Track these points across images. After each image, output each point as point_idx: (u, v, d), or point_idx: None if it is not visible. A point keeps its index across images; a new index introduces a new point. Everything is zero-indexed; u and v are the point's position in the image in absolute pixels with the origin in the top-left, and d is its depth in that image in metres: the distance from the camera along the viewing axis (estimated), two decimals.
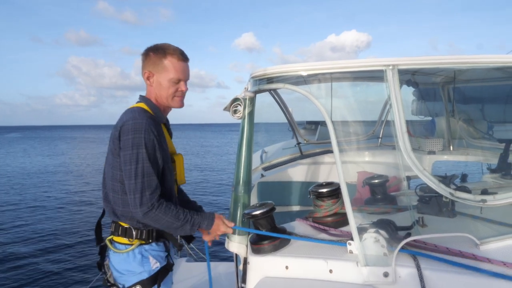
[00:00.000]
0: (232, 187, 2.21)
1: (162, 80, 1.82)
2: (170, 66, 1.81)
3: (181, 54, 1.84)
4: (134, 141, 1.64)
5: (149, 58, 1.83)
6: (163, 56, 1.80)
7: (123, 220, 1.78)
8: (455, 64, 1.85)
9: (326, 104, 1.87)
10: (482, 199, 1.71)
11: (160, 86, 1.83)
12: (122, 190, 1.72)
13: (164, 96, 1.85)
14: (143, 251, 1.80)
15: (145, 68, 1.84)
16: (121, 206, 1.75)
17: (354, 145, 3.87)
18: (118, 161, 1.70)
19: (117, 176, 1.72)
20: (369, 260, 1.61)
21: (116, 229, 1.81)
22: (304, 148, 4.14)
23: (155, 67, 1.82)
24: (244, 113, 2.12)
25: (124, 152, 1.66)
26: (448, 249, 1.62)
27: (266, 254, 1.78)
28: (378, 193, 2.34)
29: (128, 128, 1.66)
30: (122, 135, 1.67)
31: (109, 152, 1.77)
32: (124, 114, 1.75)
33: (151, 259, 1.81)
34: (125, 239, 1.78)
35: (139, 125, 1.66)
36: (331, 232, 1.94)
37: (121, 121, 1.72)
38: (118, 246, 1.81)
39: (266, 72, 1.95)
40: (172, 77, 1.82)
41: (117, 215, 1.78)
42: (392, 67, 1.70)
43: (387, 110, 3.80)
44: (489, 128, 3.60)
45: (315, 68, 1.86)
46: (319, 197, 2.03)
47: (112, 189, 1.76)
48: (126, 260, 1.78)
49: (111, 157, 1.74)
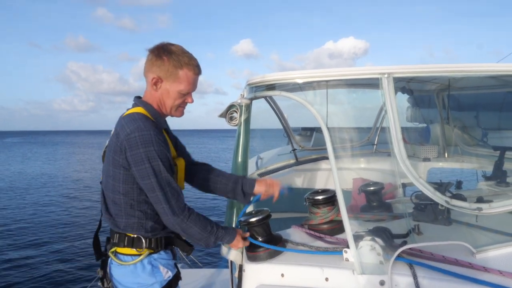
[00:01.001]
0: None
1: (171, 89, 1.71)
2: (184, 78, 1.70)
3: (197, 68, 1.73)
4: (147, 155, 1.55)
5: (162, 62, 1.67)
6: (179, 66, 1.68)
7: (129, 231, 1.68)
8: (449, 73, 1.87)
9: (322, 111, 1.88)
10: (477, 207, 1.71)
11: (167, 95, 1.72)
12: (125, 202, 1.64)
13: (168, 105, 1.74)
14: (152, 260, 1.70)
15: (154, 71, 1.69)
16: (125, 218, 1.67)
17: (349, 152, 3.88)
18: (121, 173, 1.61)
19: (119, 189, 1.63)
20: (365, 268, 1.60)
21: (120, 240, 1.69)
22: (299, 154, 4.13)
23: (167, 74, 1.68)
24: (240, 120, 2.12)
25: (138, 167, 1.57)
26: (444, 257, 1.61)
27: (261, 262, 1.77)
28: (373, 201, 2.34)
29: (135, 141, 1.55)
30: (130, 150, 1.56)
31: (109, 164, 1.65)
32: (125, 123, 1.61)
33: (161, 269, 1.72)
34: (132, 249, 1.68)
35: (147, 137, 1.56)
36: (326, 240, 1.93)
37: (123, 131, 1.59)
38: (124, 258, 1.69)
39: (262, 79, 1.95)
40: (183, 89, 1.71)
41: (121, 227, 1.69)
42: (388, 75, 1.71)
43: (382, 116, 3.82)
44: (484, 135, 3.62)
45: (311, 75, 1.86)
46: (315, 204, 2.03)
47: (113, 201, 1.67)
48: (134, 272, 1.68)
49: (112, 169, 1.63)
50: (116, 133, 1.63)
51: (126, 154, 1.57)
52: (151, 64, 1.69)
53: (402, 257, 1.61)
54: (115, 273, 1.72)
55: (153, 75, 1.69)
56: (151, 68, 1.70)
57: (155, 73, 1.69)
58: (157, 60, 1.68)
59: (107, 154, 1.68)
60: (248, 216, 1.87)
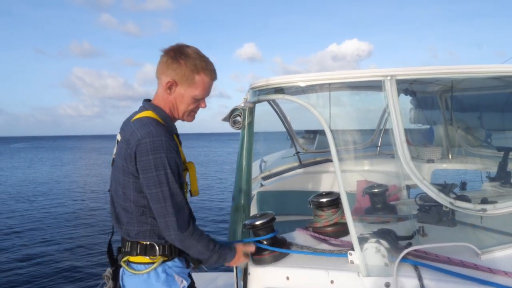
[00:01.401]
0: (232, 197, 2.21)
1: (186, 94, 1.65)
2: (200, 84, 1.64)
3: (214, 73, 1.68)
4: (156, 161, 1.48)
5: (178, 66, 1.60)
6: (196, 71, 1.61)
7: (141, 238, 1.61)
8: (452, 74, 1.87)
9: (325, 114, 1.89)
10: (482, 208, 1.71)
11: (181, 99, 1.66)
12: (136, 210, 1.58)
13: (181, 110, 1.68)
14: (166, 268, 1.62)
15: (169, 75, 1.61)
16: (137, 226, 1.60)
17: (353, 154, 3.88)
18: (131, 181, 1.55)
19: (130, 197, 1.56)
20: (371, 270, 1.60)
21: (133, 248, 1.62)
22: (303, 157, 4.14)
23: (184, 79, 1.62)
24: (243, 123, 2.13)
25: (146, 174, 1.50)
26: (449, 258, 1.61)
27: (266, 265, 1.77)
28: (378, 203, 2.34)
29: (146, 148, 1.48)
30: (140, 156, 1.49)
31: (119, 170, 1.58)
32: (136, 128, 1.54)
33: (176, 278, 1.63)
34: (145, 257, 1.60)
35: (158, 143, 1.49)
36: (331, 242, 1.93)
37: (134, 136, 1.52)
38: (137, 266, 1.61)
39: (265, 83, 1.96)
40: (198, 94, 1.66)
41: (132, 235, 1.62)
42: (390, 77, 1.72)
43: (386, 118, 3.82)
44: (487, 136, 3.61)
45: (314, 79, 1.87)
46: (319, 207, 2.03)
47: (124, 209, 1.60)
48: (147, 281, 1.60)
49: (122, 176, 1.57)
50: (126, 139, 1.55)
51: (136, 161, 1.51)
52: (166, 67, 1.62)
53: (407, 258, 1.61)
54: (128, 284, 1.64)
55: (167, 79, 1.62)
56: (166, 71, 1.62)
57: (170, 76, 1.62)
58: (173, 63, 1.60)
59: (117, 161, 1.61)
60: (252, 219, 1.88)
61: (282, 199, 3.72)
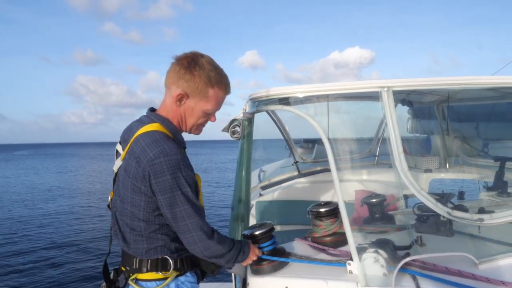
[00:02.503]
0: (231, 207, 2.22)
1: (196, 107, 1.56)
2: (213, 98, 1.56)
3: (228, 87, 1.60)
4: (174, 182, 1.40)
5: (191, 77, 1.50)
6: (210, 85, 1.52)
7: (152, 255, 1.52)
8: (448, 86, 1.90)
9: (323, 123, 1.91)
10: (479, 218, 1.72)
11: (191, 112, 1.57)
12: (145, 228, 1.49)
13: (190, 123, 1.60)
14: (179, 284, 1.55)
15: (181, 86, 1.51)
16: (146, 244, 1.51)
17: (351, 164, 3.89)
18: (142, 200, 1.46)
19: (140, 216, 1.48)
20: (369, 280, 1.61)
21: (142, 265, 1.52)
22: (301, 166, 4.15)
23: (196, 92, 1.52)
24: (242, 133, 2.15)
25: (165, 195, 1.41)
26: (447, 268, 1.62)
27: (265, 275, 1.78)
28: (376, 212, 2.35)
29: (161, 168, 1.39)
30: (156, 177, 1.40)
31: (126, 188, 1.48)
32: (146, 145, 1.44)
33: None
34: (157, 273, 1.51)
35: (174, 163, 1.40)
36: (330, 252, 1.94)
37: (145, 155, 1.42)
38: (147, 284, 1.52)
39: (265, 93, 1.99)
40: (209, 109, 1.58)
41: (142, 253, 1.53)
42: (387, 88, 1.74)
43: (383, 128, 3.85)
44: (484, 145, 3.64)
45: (312, 90, 1.90)
46: (318, 217, 2.04)
47: (132, 228, 1.51)
48: None
49: (130, 195, 1.47)
50: (136, 157, 1.44)
51: (150, 182, 1.41)
52: (178, 77, 1.51)
53: (405, 268, 1.62)
54: None
55: (178, 90, 1.52)
56: (178, 81, 1.51)
57: (182, 88, 1.51)
58: (186, 73, 1.50)
59: (124, 178, 1.50)
60: (251, 229, 1.89)
61: (281, 209, 3.72)
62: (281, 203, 3.76)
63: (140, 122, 1.58)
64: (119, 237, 1.58)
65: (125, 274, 1.57)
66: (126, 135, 1.60)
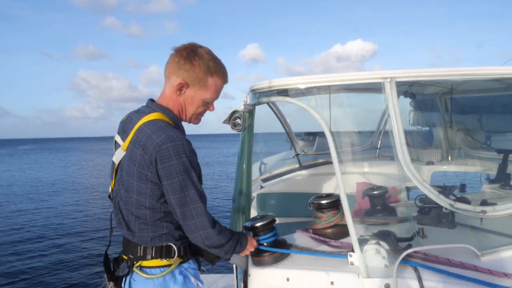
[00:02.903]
0: (232, 199, 2.21)
1: (196, 96, 1.59)
2: (212, 86, 1.59)
3: (226, 76, 1.64)
4: (181, 166, 1.43)
5: (191, 67, 1.54)
6: (209, 74, 1.56)
7: (156, 243, 1.55)
8: (451, 76, 1.88)
9: (325, 116, 1.89)
10: (482, 210, 1.71)
11: (190, 101, 1.60)
12: (151, 216, 1.51)
13: (189, 112, 1.63)
14: (182, 270, 1.58)
15: (181, 76, 1.55)
16: (151, 232, 1.54)
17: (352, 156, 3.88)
18: (149, 187, 1.48)
19: (145, 203, 1.49)
20: (371, 271, 1.61)
21: (146, 252, 1.54)
22: (302, 159, 4.14)
23: (196, 81, 1.56)
24: (243, 125, 2.14)
25: (170, 180, 1.44)
26: (449, 260, 1.62)
27: (267, 266, 1.78)
28: (377, 204, 2.34)
29: (169, 153, 1.42)
30: (162, 162, 1.42)
31: (132, 177, 1.49)
32: (152, 133, 1.46)
33: (192, 280, 1.59)
34: (162, 260, 1.54)
35: (180, 148, 1.44)
36: (331, 244, 1.94)
37: (151, 141, 1.44)
38: (152, 271, 1.55)
39: (266, 85, 1.97)
40: (208, 98, 1.62)
41: (146, 241, 1.55)
42: (390, 79, 1.72)
43: (385, 120, 3.83)
44: (487, 138, 3.61)
45: (314, 81, 1.88)
46: (319, 209, 2.03)
47: (137, 216, 1.52)
48: (163, 285, 1.53)
49: (137, 183, 1.48)
50: (141, 144, 1.46)
51: (157, 167, 1.43)
52: (178, 67, 1.55)
53: (407, 260, 1.62)
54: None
55: (179, 80, 1.56)
56: (178, 71, 1.55)
57: (182, 77, 1.55)
58: (185, 63, 1.54)
59: (129, 167, 1.51)
60: (253, 221, 1.88)
61: (282, 201, 3.72)
62: (282, 196, 3.76)
63: (140, 112, 1.61)
64: (123, 226, 1.59)
65: (128, 262, 1.59)
66: (126, 126, 1.61)
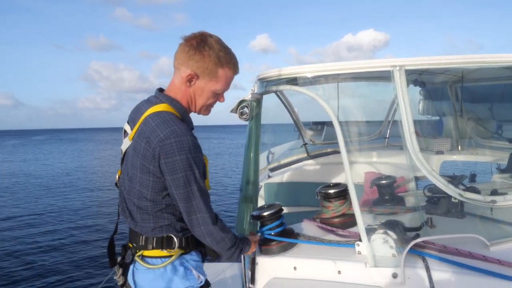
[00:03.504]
0: (240, 188, 2.22)
1: (206, 87, 1.56)
2: (223, 78, 1.56)
3: (237, 67, 1.60)
4: (184, 162, 1.41)
5: (201, 58, 1.50)
6: (219, 65, 1.52)
7: (157, 233, 1.55)
8: (462, 64, 1.84)
9: (333, 105, 1.87)
10: (492, 200, 1.70)
11: (201, 93, 1.57)
12: (152, 208, 1.51)
13: (199, 104, 1.60)
14: (184, 262, 1.57)
15: (191, 66, 1.51)
16: (153, 223, 1.53)
17: (361, 146, 3.85)
18: (150, 180, 1.47)
19: (147, 195, 1.49)
20: (378, 261, 1.61)
21: (148, 242, 1.55)
22: (310, 148, 4.13)
23: (206, 72, 1.52)
24: (251, 114, 2.13)
25: (173, 176, 1.42)
26: (457, 250, 1.61)
27: (274, 255, 1.79)
28: (386, 194, 2.33)
29: (171, 148, 1.40)
30: (166, 157, 1.41)
31: (135, 169, 1.49)
32: (156, 126, 1.45)
33: (194, 272, 1.58)
34: (162, 251, 1.53)
35: (184, 144, 1.41)
36: (339, 233, 1.94)
37: (155, 135, 1.42)
38: (152, 261, 1.55)
39: (273, 73, 1.95)
40: (219, 89, 1.58)
41: (147, 231, 1.55)
42: (399, 67, 1.70)
43: (394, 109, 3.79)
44: (498, 127, 3.56)
45: (322, 69, 1.86)
46: (327, 198, 2.03)
47: (138, 207, 1.53)
48: (163, 276, 1.53)
49: (139, 175, 1.48)
50: (146, 137, 1.45)
51: (160, 162, 1.42)
52: (188, 58, 1.51)
53: (415, 250, 1.61)
54: (142, 280, 1.56)
55: (188, 71, 1.52)
56: (187, 62, 1.51)
57: (192, 68, 1.51)
58: (195, 54, 1.50)
59: (133, 158, 1.51)
60: (260, 210, 1.89)
61: (289, 191, 3.73)
62: (290, 185, 3.77)
63: (149, 102, 1.59)
64: (127, 215, 1.60)
65: (132, 250, 1.60)
66: (135, 115, 1.60)
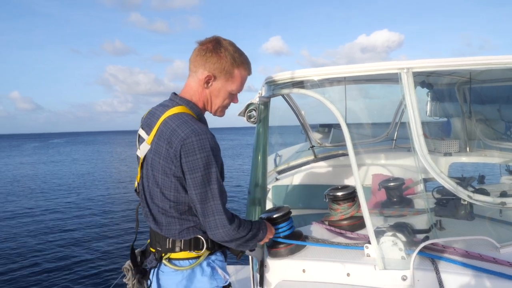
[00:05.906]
0: (248, 191, 2.23)
1: (223, 88, 1.60)
2: (238, 78, 1.61)
3: (250, 67, 1.66)
4: (204, 161, 1.42)
5: (218, 59, 1.55)
6: (235, 65, 1.57)
7: (185, 236, 1.55)
8: (470, 66, 1.84)
9: (341, 107, 1.88)
10: (501, 202, 1.69)
11: (217, 94, 1.61)
12: (176, 210, 1.52)
13: (215, 105, 1.64)
14: (210, 262, 1.59)
15: (208, 68, 1.56)
16: (179, 225, 1.54)
17: (368, 148, 3.85)
18: (172, 181, 1.48)
19: (170, 197, 1.50)
20: (387, 263, 1.61)
21: (175, 244, 1.55)
22: (317, 151, 4.13)
23: (224, 73, 1.57)
24: (258, 117, 2.14)
25: (193, 174, 1.43)
26: (467, 252, 1.60)
27: (283, 258, 1.80)
28: (394, 196, 2.33)
29: (193, 147, 1.41)
30: (186, 156, 1.42)
31: (157, 171, 1.50)
32: (177, 127, 1.46)
33: (219, 272, 1.60)
34: (190, 252, 1.55)
35: (205, 142, 1.43)
36: (347, 236, 1.94)
37: (176, 135, 1.44)
38: (180, 263, 1.56)
39: (281, 77, 1.97)
40: (234, 89, 1.62)
41: (173, 234, 1.56)
42: (407, 70, 1.70)
43: (402, 111, 3.78)
44: (507, 128, 3.53)
45: (329, 72, 1.86)
46: (335, 201, 2.04)
47: (163, 209, 1.54)
48: (192, 277, 1.55)
49: (161, 176, 1.49)
50: (166, 138, 1.47)
51: (181, 161, 1.43)
52: (205, 60, 1.55)
53: (424, 252, 1.61)
54: (168, 282, 1.57)
55: (206, 72, 1.56)
56: (204, 64, 1.56)
57: (209, 70, 1.56)
58: (212, 56, 1.55)
59: (154, 161, 1.52)
60: (268, 212, 1.90)
61: (297, 193, 3.73)
62: (298, 187, 3.77)
63: (164, 106, 1.61)
64: (151, 220, 1.60)
65: (156, 254, 1.61)
66: (149, 120, 1.62)
